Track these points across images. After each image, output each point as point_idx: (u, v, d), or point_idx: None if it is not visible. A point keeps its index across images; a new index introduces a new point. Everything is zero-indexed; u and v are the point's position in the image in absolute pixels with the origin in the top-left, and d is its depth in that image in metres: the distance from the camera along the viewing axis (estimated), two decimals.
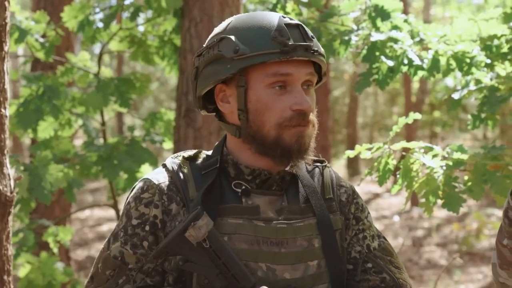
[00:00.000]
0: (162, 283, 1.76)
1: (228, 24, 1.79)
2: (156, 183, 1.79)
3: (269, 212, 1.77)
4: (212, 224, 1.67)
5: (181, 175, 1.79)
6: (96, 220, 13.88)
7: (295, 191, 1.83)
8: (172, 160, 1.84)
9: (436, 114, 19.52)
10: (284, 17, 1.74)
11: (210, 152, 1.87)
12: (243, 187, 1.78)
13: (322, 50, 1.77)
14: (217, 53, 1.74)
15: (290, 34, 1.70)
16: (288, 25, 1.72)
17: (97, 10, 4.44)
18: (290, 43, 1.69)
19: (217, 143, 1.89)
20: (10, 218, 2.57)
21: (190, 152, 1.87)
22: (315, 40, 1.75)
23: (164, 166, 1.84)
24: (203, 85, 1.79)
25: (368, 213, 1.94)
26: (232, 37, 1.72)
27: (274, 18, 1.74)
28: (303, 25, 1.75)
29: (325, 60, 1.80)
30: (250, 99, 1.74)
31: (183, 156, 1.85)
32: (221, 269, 1.67)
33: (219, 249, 1.67)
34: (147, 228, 1.76)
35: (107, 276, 1.76)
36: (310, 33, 1.74)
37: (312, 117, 1.76)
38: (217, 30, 1.82)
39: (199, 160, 1.85)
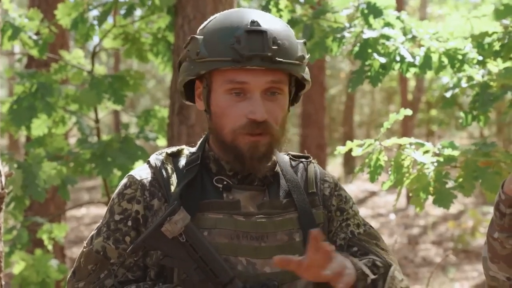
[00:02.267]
0: (143, 278, 1.77)
1: (209, 22, 1.80)
2: (139, 179, 1.80)
3: (250, 207, 1.78)
4: (189, 218, 1.67)
5: (163, 171, 1.81)
6: (92, 218, 13.89)
7: (277, 186, 1.83)
8: (156, 157, 1.86)
9: (433, 112, 19.53)
10: (254, 22, 1.71)
11: (194, 149, 1.88)
12: (225, 182, 1.79)
13: (293, 56, 1.73)
14: (186, 52, 1.77)
15: (248, 42, 1.68)
16: (250, 31, 1.69)
17: (91, 7, 4.43)
18: (243, 52, 1.67)
19: (201, 139, 1.90)
20: (2, 214, 2.58)
21: (173, 149, 1.88)
22: (281, 47, 1.70)
23: (148, 162, 1.86)
24: (179, 79, 1.82)
25: (353, 203, 1.94)
26: (200, 38, 1.73)
27: (242, 21, 1.71)
28: (270, 31, 1.70)
29: (298, 63, 1.76)
30: (212, 101, 1.76)
31: (167, 153, 1.86)
32: (199, 264, 1.67)
33: (196, 243, 1.67)
34: (129, 223, 1.77)
35: (89, 271, 1.77)
36: (276, 40, 1.70)
37: (273, 126, 1.73)
38: (201, 25, 1.83)
39: (183, 157, 1.86)
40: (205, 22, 1.82)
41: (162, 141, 4.85)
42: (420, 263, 10.12)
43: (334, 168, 18.63)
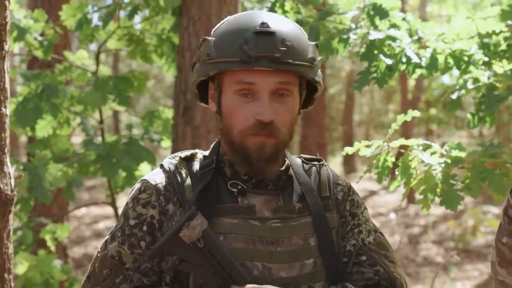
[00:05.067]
0: (159, 283, 1.78)
1: (221, 24, 1.82)
2: (153, 183, 1.81)
3: (265, 212, 1.78)
4: (206, 224, 1.68)
5: (178, 175, 1.81)
6: (93, 217, 13.87)
7: (291, 190, 1.84)
8: (170, 161, 1.86)
9: (432, 111, 19.55)
10: (263, 23, 1.72)
11: (207, 152, 1.88)
12: (239, 187, 1.80)
13: (301, 58, 1.73)
14: (199, 53, 1.79)
15: (257, 43, 1.69)
16: (260, 32, 1.70)
17: (95, 8, 4.44)
18: (252, 53, 1.68)
19: (214, 142, 1.91)
20: (11, 216, 2.58)
21: (187, 153, 1.88)
22: (290, 49, 1.71)
23: (162, 166, 1.86)
24: (192, 81, 1.84)
25: (365, 208, 1.95)
26: (211, 40, 1.75)
27: (251, 24, 1.73)
28: (278, 33, 1.71)
29: (307, 65, 1.76)
30: (222, 102, 1.77)
31: (180, 157, 1.86)
32: (216, 269, 1.68)
33: (213, 248, 1.68)
34: (144, 228, 1.77)
35: (104, 276, 1.77)
36: (286, 41, 1.70)
37: (280, 128, 1.74)
38: (214, 28, 1.84)
39: (196, 161, 1.86)
40: (218, 24, 1.83)
41: (166, 142, 4.86)
42: (421, 262, 10.12)
43: (334, 167, 18.63)
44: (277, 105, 1.73)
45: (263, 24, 1.72)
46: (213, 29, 1.83)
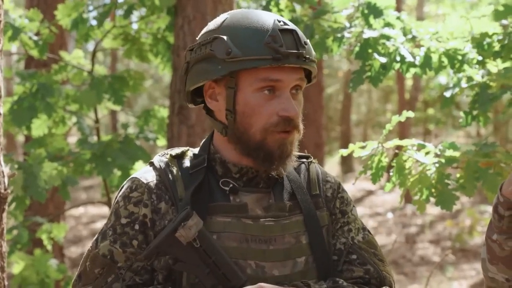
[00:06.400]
0: (151, 281, 1.77)
1: (223, 21, 1.78)
2: (145, 182, 1.79)
3: (257, 210, 1.79)
4: (202, 223, 1.67)
5: (169, 173, 1.80)
6: (90, 217, 13.88)
7: (281, 188, 1.84)
8: (160, 158, 1.85)
9: (430, 111, 19.57)
10: (279, 21, 1.73)
11: (197, 150, 1.87)
12: (231, 185, 1.79)
13: (313, 55, 1.77)
14: (209, 52, 1.74)
15: (283, 40, 1.70)
16: (282, 30, 1.71)
17: (91, 8, 4.44)
18: (282, 50, 1.68)
19: (203, 140, 1.90)
20: (4, 215, 2.59)
21: (177, 150, 1.87)
22: (308, 46, 1.74)
23: (152, 164, 1.84)
24: (192, 82, 1.80)
25: (353, 206, 1.96)
26: (225, 38, 1.72)
27: (269, 21, 1.73)
28: (297, 30, 1.74)
29: (316, 62, 1.80)
30: (238, 101, 1.74)
31: (171, 155, 1.85)
32: (212, 268, 1.68)
33: (209, 248, 1.67)
34: (136, 227, 1.76)
35: (96, 275, 1.76)
36: (303, 39, 1.74)
37: (298, 122, 1.77)
38: (211, 26, 1.81)
39: (187, 158, 1.85)
40: (217, 22, 1.80)
41: (162, 141, 4.86)
42: (418, 262, 10.14)
43: (332, 167, 18.65)
44: (294, 101, 1.76)
45: (279, 21, 1.74)
46: (211, 28, 1.80)
